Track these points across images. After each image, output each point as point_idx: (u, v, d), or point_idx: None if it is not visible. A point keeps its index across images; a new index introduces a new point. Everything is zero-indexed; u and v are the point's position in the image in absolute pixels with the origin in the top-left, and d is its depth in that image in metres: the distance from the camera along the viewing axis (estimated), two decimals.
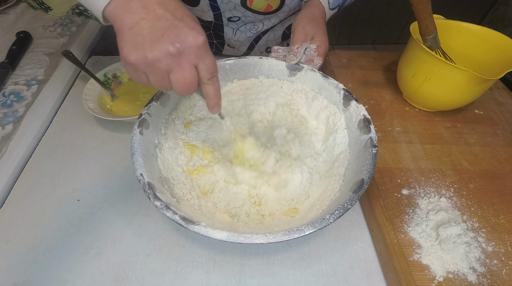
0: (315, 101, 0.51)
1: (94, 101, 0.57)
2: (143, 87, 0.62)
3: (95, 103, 0.57)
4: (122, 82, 0.64)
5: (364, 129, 0.42)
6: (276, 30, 0.73)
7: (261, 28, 0.69)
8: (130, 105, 0.59)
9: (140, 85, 0.62)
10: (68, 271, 0.40)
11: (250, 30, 0.69)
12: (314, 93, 0.52)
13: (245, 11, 0.62)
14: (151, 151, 0.42)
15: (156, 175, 0.40)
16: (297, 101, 0.53)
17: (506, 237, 0.42)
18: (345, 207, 0.34)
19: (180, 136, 0.49)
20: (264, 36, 0.73)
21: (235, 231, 0.32)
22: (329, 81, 0.49)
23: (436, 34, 0.51)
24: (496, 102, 0.63)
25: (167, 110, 0.48)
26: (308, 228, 0.32)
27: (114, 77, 0.63)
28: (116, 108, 0.59)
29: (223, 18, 0.65)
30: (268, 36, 0.73)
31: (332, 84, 0.49)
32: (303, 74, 0.52)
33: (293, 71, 0.52)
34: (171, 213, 0.33)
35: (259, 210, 0.42)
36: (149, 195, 0.35)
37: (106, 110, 0.57)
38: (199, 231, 0.32)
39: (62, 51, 0.66)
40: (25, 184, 0.48)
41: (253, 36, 0.72)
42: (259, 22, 0.67)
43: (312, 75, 0.51)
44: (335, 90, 0.48)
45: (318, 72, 0.50)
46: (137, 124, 0.41)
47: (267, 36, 0.73)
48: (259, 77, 0.54)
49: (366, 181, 0.36)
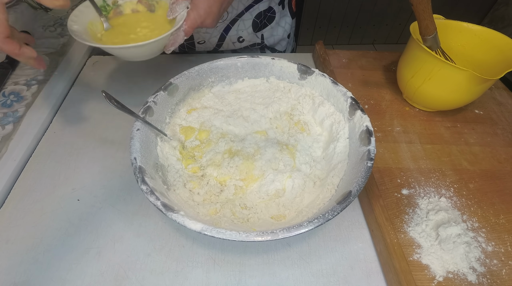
0: (322, 107, 0.51)
1: (82, 25, 0.49)
2: (144, 21, 0.55)
3: (83, 27, 0.49)
4: (123, 13, 0.55)
5: (364, 141, 0.42)
6: (245, 19, 0.72)
7: (226, 17, 0.68)
8: (122, 37, 0.51)
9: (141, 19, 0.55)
10: (68, 271, 0.40)
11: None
12: (322, 98, 0.52)
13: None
14: (152, 138, 0.44)
15: (152, 161, 0.42)
16: (302, 106, 0.53)
17: (506, 237, 0.42)
18: (325, 217, 0.34)
19: (180, 122, 0.50)
20: (233, 26, 0.72)
21: (215, 225, 0.33)
22: (338, 87, 0.49)
23: (436, 34, 0.51)
24: (496, 102, 0.63)
25: (175, 100, 0.50)
26: (282, 232, 0.33)
27: (114, 5, 0.55)
28: (106, 38, 0.51)
29: None
30: (238, 26, 0.72)
31: (340, 91, 0.48)
32: (313, 78, 0.52)
33: (303, 75, 0.53)
34: (154, 198, 0.35)
35: (246, 211, 0.42)
36: (137, 178, 0.37)
37: (95, 39, 0.50)
38: (176, 219, 0.33)
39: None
40: (25, 184, 0.48)
41: (222, 27, 0.71)
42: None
43: (322, 80, 0.51)
44: (342, 97, 0.48)
45: (328, 77, 0.50)
46: (142, 111, 0.44)
47: (236, 25, 0.72)
48: (270, 77, 0.55)
49: (354, 194, 0.36)
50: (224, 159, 0.46)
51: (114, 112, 0.52)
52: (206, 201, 0.43)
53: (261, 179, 0.44)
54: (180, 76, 0.50)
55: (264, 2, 0.71)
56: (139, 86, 0.65)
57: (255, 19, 0.73)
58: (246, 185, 0.44)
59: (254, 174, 0.45)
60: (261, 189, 0.44)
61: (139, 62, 0.70)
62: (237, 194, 0.44)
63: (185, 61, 0.71)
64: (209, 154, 0.47)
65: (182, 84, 0.50)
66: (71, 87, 0.65)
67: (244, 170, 0.45)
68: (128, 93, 0.63)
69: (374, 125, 0.43)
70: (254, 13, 0.72)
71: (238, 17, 0.70)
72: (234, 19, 0.71)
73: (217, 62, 0.53)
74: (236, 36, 0.75)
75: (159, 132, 0.45)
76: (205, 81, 0.54)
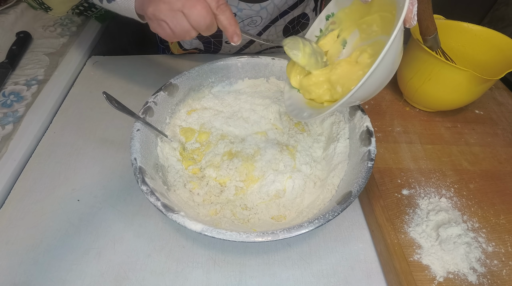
0: None
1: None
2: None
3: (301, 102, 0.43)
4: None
5: (365, 141, 0.42)
6: (277, 25, 0.70)
7: (260, 22, 0.67)
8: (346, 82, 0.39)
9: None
10: (68, 272, 0.40)
11: (249, 25, 0.67)
12: None
13: (238, 3, 0.60)
14: (152, 139, 0.44)
15: (152, 162, 0.42)
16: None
17: (506, 238, 0.42)
18: (325, 218, 0.34)
19: (180, 123, 0.50)
20: (265, 32, 0.71)
21: (215, 226, 0.33)
22: None
23: (436, 34, 0.51)
24: (496, 102, 0.63)
25: (175, 101, 0.50)
26: (282, 233, 0.33)
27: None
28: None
29: None
30: (269, 32, 0.71)
31: None
32: None
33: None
34: (154, 198, 0.35)
35: (246, 212, 0.42)
36: (137, 179, 0.37)
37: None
38: (177, 219, 0.33)
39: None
40: (25, 184, 0.48)
41: (254, 32, 0.70)
42: (256, 16, 0.65)
43: None
44: None
45: None
46: (142, 111, 0.44)
47: (268, 31, 0.71)
48: (270, 77, 0.55)
49: (354, 194, 0.36)
50: (224, 161, 0.46)
51: (114, 112, 0.51)
52: (206, 201, 0.43)
53: (262, 180, 0.44)
54: (180, 76, 0.50)
55: (299, 8, 0.69)
56: (139, 86, 0.65)
57: (287, 25, 0.72)
58: (246, 186, 0.44)
59: (254, 175, 0.45)
60: (261, 190, 0.44)
61: (139, 62, 0.70)
62: (238, 195, 0.44)
63: (185, 61, 0.71)
64: (208, 156, 0.47)
65: (182, 84, 0.50)
66: (71, 87, 0.65)
67: (244, 172, 0.45)
68: (128, 93, 0.63)
69: (374, 125, 0.43)
70: (288, 19, 0.70)
71: (271, 23, 0.69)
72: (267, 26, 0.69)
73: (217, 62, 0.53)
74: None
75: (159, 133, 0.45)
76: (205, 81, 0.53)
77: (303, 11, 0.71)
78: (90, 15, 0.84)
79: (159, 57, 0.73)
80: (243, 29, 0.67)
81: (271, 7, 0.63)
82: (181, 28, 0.36)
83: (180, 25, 0.36)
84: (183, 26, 0.36)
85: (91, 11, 0.84)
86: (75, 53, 0.73)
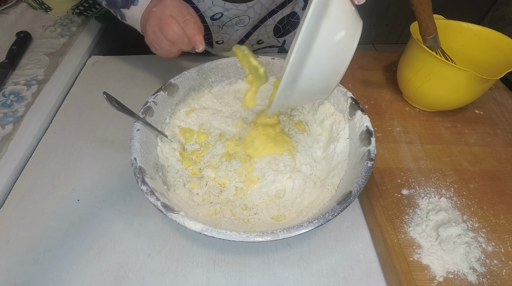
0: (322, 106, 0.51)
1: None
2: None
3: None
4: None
5: (364, 141, 0.42)
6: (267, 24, 0.70)
7: (248, 22, 0.66)
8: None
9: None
10: (68, 272, 0.40)
11: (237, 24, 0.66)
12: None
13: (224, 4, 0.60)
14: (152, 139, 0.44)
15: (152, 162, 0.42)
16: (302, 106, 0.53)
17: (506, 237, 0.42)
18: (325, 217, 0.34)
19: (179, 123, 0.50)
20: (255, 31, 0.71)
21: (215, 226, 0.33)
22: (338, 88, 0.48)
23: (436, 34, 0.51)
24: (496, 102, 0.63)
25: (175, 100, 0.50)
26: (282, 232, 0.32)
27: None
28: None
29: (206, 19, 0.63)
30: (259, 31, 0.71)
31: (340, 91, 0.48)
32: None
33: None
34: (154, 198, 0.35)
35: (246, 212, 0.42)
36: (137, 179, 0.37)
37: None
38: (176, 219, 0.33)
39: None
40: (25, 184, 0.48)
41: (243, 33, 0.70)
42: (244, 15, 0.64)
43: None
44: (343, 97, 0.48)
45: None
46: (142, 111, 0.44)
47: (258, 31, 0.71)
48: (269, 77, 0.55)
49: (354, 194, 0.36)
50: (222, 162, 0.46)
51: (114, 112, 0.51)
52: (205, 201, 0.43)
53: (262, 180, 0.44)
54: (180, 76, 0.50)
55: (288, 7, 0.69)
56: (139, 86, 0.65)
57: (277, 24, 0.72)
58: (246, 186, 0.44)
59: (254, 176, 0.45)
60: (261, 190, 0.44)
61: (139, 62, 0.70)
62: (237, 195, 0.44)
63: (185, 61, 0.71)
64: (206, 157, 0.47)
65: (182, 84, 0.50)
66: (71, 87, 0.65)
67: (243, 173, 0.45)
68: (128, 92, 0.63)
69: (374, 125, 0.43)
70: (277, 19, 0.70)
71: (260, 23, 0.69)
72: (256, 25, 0.69)
73: (217, 62, 0.53)
74: (255, 40, 0.74)
75: (159, 133, 0.45)
76: (205, 81, 0.53)
77: (292, 10, 0.71)
78: (90, 15, 0.84)
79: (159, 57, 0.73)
80: (232, 29, 0.67)
81: (258, 6, 0.63)
82: (164, 46, 0.43)
83: (163, 43, 0.43)
84: (165, 44, 0.43)
85: (91, 11, 0.84)
86: (75, 53, 0.73)
